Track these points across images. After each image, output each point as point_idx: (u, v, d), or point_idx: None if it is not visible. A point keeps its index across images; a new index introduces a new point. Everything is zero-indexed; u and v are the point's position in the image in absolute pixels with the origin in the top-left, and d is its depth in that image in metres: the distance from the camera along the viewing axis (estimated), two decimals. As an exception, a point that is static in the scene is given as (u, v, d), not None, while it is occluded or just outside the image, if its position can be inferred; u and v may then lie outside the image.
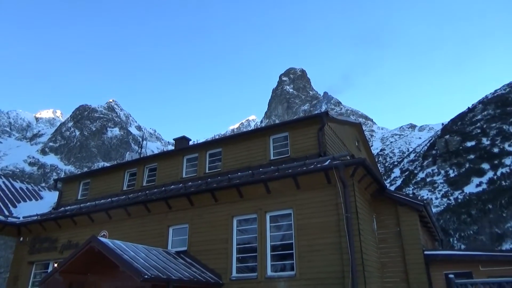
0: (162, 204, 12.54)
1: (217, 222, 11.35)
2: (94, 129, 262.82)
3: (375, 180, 10.83)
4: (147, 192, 13.75)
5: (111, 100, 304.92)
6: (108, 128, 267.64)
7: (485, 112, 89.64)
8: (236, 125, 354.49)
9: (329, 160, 10.36)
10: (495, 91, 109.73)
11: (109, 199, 14.75)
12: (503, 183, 53.31)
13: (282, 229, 10.56)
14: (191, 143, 17.84)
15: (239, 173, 12.21)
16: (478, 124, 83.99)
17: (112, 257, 8.75)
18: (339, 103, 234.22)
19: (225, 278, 10.52)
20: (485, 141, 72.95)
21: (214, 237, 11.20)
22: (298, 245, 9.87)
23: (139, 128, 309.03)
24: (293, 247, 9.94)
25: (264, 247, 10.31)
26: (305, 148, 11.96)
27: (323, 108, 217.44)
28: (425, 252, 10.35)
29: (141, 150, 26.52)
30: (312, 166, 10.34)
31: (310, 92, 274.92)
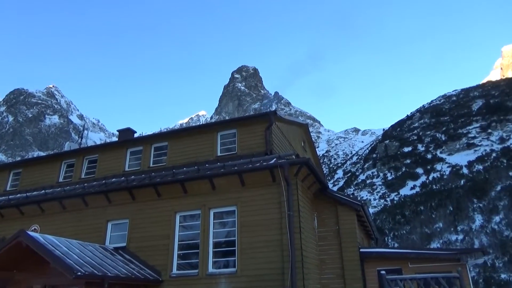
0: (101, 197, 11.97)
1: (160, 217, 11.07)
2: (30, 115, 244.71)
3: (318, 180, 11.18)
4: (85, 184, 13.07)
5: (51, 86, 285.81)
6: (46, 116, 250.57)
7: (422, 121, 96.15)
8: (186, 120, 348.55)
9: (275, 159, 10.51)
10: (432, 101, 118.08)
11: (43, 191, 13.81)
12: (434, 187, 57.57)
13: (226, 225, 10.56)
14: (136, 135, 17.22)
15: (184, 168, 12.00)
16: (415, 131, 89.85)
17: (42, 253, 8.21)
18: (288, 103, 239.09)
19: (165, 275, 10.30)
20: (420, 148, 78.23)
21: (156, 233, 10.91)
22: (240, 242, 9.92)
23: (81, 117, 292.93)
24: (236, 244, 9.97)
25: (206, 243, 10.23)
26: (252, 146, 12.03)
27: (273, 108, 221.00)
28: (361, 250, 10.88)
29: (81, 141, 25.09)
30: (258, 164, 10.43)
31: (262, 91, 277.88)
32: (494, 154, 61.55)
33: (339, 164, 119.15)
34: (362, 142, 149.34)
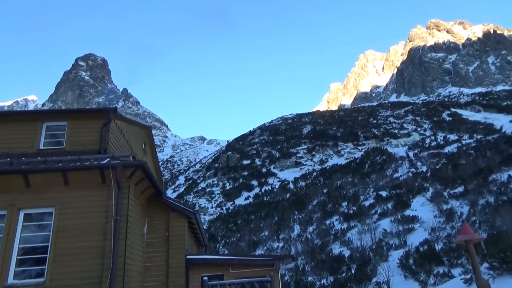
0: None
1: None
2: None
3: (153, 185, 10.91)
4: None
5: None
6: None
7: (262, 137, 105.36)
8: (9, 103, 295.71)
9: (108, 159, 9.80)
10: (272, 121, 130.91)
11: None
12: (265, 198, 63.39)
13: (40, 229, 9.24)
14: None
15: (-8, 160, 10.06)
16: (255, 146, 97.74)
17: None
18: (137, 102, 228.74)
19: None
20: (257, 162, 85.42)
21: None
22: (54, 248, 8.81)
23: None
24: (48, 250, 8.81)
25: (9, 250, 8.72)
26: (85, 142, 10.98)
27: (120, 105, 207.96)
28: (188, 257, 11.04)
29: None
30: (88, 163, 9.53)
31: (109, 85, 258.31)
32: (314, 173, 71.64)
33: (182, 171, 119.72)
34: (207, 151, 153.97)
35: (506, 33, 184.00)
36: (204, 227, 51.78)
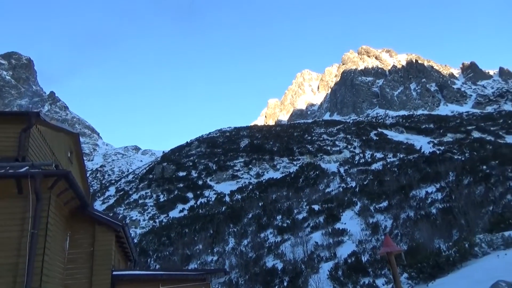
0: None
1: None
2: None
3: (78, 196, 10.15)
4: None
5: None
6: None
7: (199, 149, 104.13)
8: None
9: (27, 167, 8.95)
10: (210, 133, 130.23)
11: None
12: (200, 211, 62.32)
13: None
14: None
15: None
16: (192, 158, 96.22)
17: None
18: (66, 107, 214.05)
19: None
20: (194, 174, 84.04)
21: None
22: (-45, 266, 7.77)
23: None
24: None
25: None
26: (1, 148, 9.95)
27: (46, 109, 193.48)
28: (114, 273, 10.38)
29: None
30: (2, 171, 8.64)
31: (34, 87, 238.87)
32: (250, 186, 72.23)
33: (113, 181, 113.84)
34: (141, 161, 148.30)
35: (426, 63, 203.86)
36: (135, 240, 49.41)
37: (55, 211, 9.16)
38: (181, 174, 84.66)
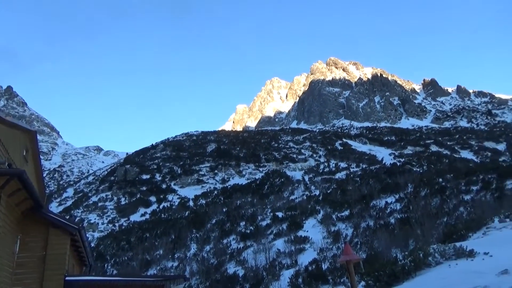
0: None
1: None
2: None
3: (31, 197, 9.67)
4: None
5: None
6: None
7: (164, 152, 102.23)
8: None
9: (-24, 164, 8.44)
10: (176, 136, 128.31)
11: None
12: (163, 215, 60.98)
13: None
14: None
15: None
16: (156, 161, 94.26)
17: None
18: (24, 103, 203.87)
19: None
20: (158, 177, 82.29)
21: None
22: None
23: None
24: None
25: None
26: None
27: (2, 104, 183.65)
28: (67, 278, 9.92)
29: None
30: None
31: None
32: (215, 192, 71.71)
33: (72, 182, 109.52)
34: (103, 162, 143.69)
35: (390, 78, 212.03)
36: (92, 244, 47.57)
37: (5, 212, 8.67)
38: (145, 177, 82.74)
